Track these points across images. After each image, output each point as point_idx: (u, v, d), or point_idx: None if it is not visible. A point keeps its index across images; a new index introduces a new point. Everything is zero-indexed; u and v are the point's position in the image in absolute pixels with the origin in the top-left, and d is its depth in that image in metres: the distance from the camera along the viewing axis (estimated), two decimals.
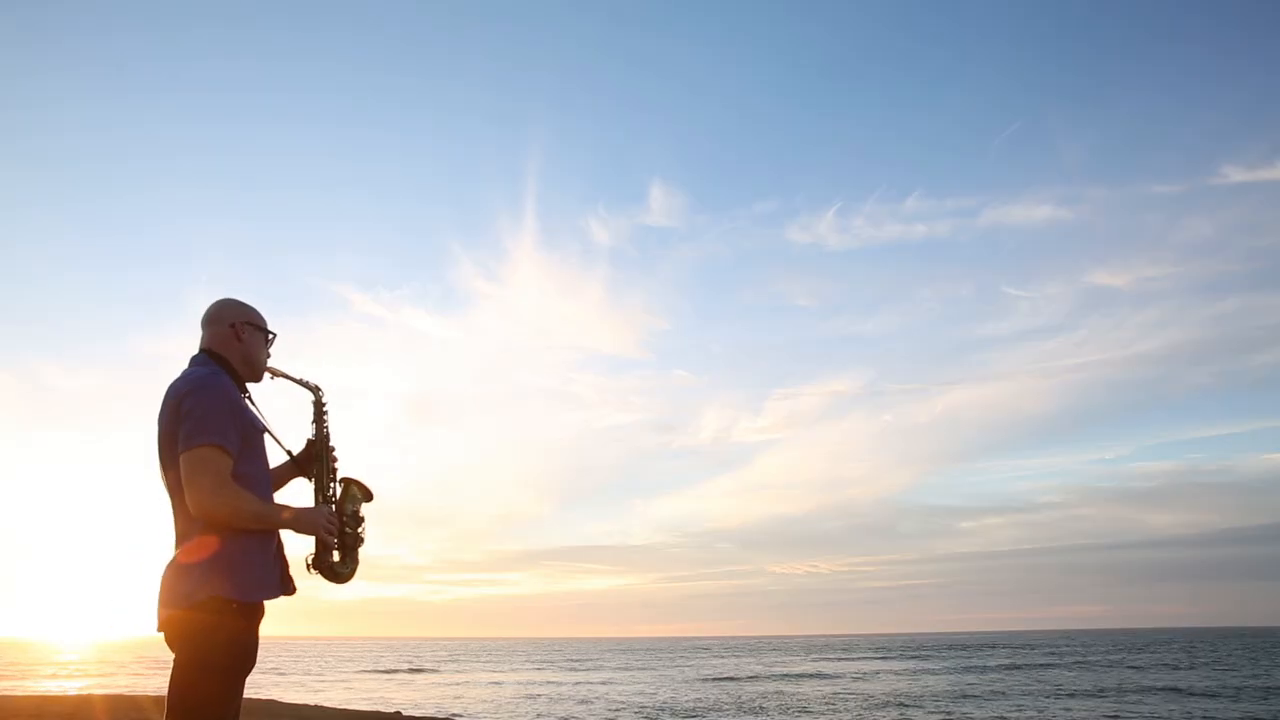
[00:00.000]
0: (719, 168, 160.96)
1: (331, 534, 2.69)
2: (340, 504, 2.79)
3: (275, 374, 2.79)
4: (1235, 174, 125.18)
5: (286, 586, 2.66)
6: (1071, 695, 21.51)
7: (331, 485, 2.79)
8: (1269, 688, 23.33)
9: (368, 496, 2.84)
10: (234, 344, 2.67)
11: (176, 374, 2.61)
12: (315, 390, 2.84)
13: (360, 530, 2.80)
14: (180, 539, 2.53)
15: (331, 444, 2.83)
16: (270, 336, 2.77)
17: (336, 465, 2.82)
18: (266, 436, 2.69)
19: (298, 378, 2.83)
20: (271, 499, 2.66)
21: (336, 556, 2.75)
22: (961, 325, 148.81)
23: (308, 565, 2.72)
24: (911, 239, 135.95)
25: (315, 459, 2.82)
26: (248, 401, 2.67)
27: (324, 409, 2.85)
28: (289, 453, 2.83)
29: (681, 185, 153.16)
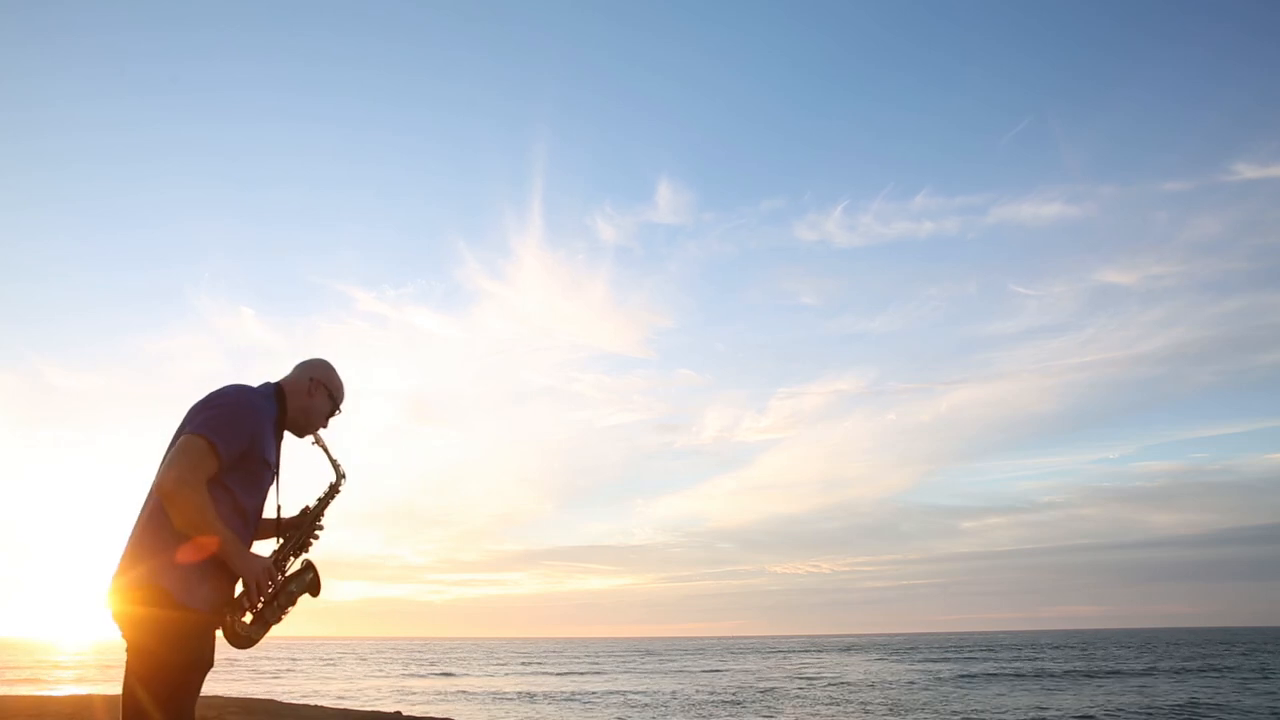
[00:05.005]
0: (726, 165, 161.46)
1: (260, 591, 2.58)
2: (287, 578, 2.72)
3: (318, 441, 2.85)
4: (1246, 170, 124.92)
5: (219, 617, 2.55)
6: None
7: (293, 559, 2.77)
8: None
9: (314, 590, 2.78)
10: (302, 395, 2.79)
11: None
12: (340, 475, 2.88)
13: (284, 613, 2.69)
14: (142, 535, 2.50)
15: (321, 525, 2.85)
16: (336, 410, 2.88)
17: (310, 545, 2.83)
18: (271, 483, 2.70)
19: (334, 457, 2.87)
20: (245, 533, 2.63)
21: (248, 618, 2.61)
22: (967, 324, 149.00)
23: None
24: (918, 237, 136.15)
25: (296, 528, 2.82)
26: (277, 442, 2.73)
27: (336, 494, 2.87)
28: (278, 508, 2.83)
29: (689, 183, 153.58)
